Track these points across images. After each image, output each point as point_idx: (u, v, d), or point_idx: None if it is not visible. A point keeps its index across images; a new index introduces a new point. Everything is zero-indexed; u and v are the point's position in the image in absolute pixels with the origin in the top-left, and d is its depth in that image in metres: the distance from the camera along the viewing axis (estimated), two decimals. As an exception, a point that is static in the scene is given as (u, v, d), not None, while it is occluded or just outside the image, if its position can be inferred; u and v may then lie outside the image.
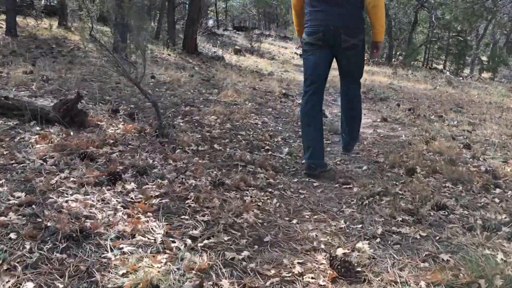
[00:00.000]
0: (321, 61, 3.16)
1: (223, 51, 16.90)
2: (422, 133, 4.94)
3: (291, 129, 4.46)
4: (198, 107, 4.71)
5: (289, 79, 10.88)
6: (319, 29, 3.04)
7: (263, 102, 5.72)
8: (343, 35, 3.00)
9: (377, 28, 3.17)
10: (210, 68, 10.84)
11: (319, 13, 3.04)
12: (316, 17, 3.06)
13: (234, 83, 7.40)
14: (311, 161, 3.07)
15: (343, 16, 3.01)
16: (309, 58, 3.20)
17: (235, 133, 3.93)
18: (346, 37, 3.01)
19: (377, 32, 3.20)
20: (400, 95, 9.11)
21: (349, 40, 3.03)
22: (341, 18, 3.00)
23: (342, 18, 3.01)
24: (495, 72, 19.09)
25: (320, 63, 3.16)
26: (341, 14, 3.00)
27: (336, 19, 3.00)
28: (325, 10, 3.01)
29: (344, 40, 3.02)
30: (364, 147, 4.15)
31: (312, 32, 3.08)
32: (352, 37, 3.04)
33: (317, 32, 3.05)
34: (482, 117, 7.12)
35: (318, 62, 3.16)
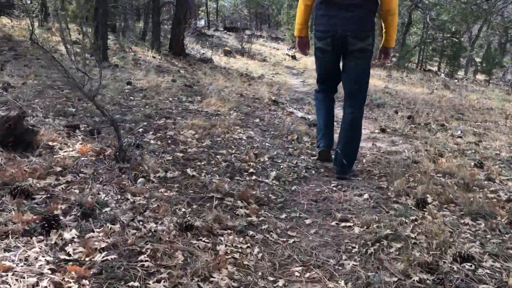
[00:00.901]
0: (332, 67, 3.28)
1: (213, 52, 16.36)
2: (426, 147, 4.43)
3: (280, 145, 3.92)
4: (175, 120, 4.15)
5: (280, 83, 10.35)
6: (327, 35, 3.06)
7: (250, 112, 5.18)
8: (350, 38, 3.00)
9: (391, 35, 3.20)
10: (196, 71, 10.28)
11: (327, 18, 3.05)
12: (324, 22, 3.08)
13: (220, 89, 6.84)
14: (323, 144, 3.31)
15: (351, 20, 2.99)
16: (320, 62, 3.32)
17: (215, 152, 3.38)
18: (354, 40, 3.01)
19: (391, 38, 3.23)
20: (397, 100, 8.61)
21: (356, 43, 3.03)
22: (348, 22, 2.99)
23: (349, 22, 2.99)
24: (490, 74, 18.70)
25: (331, 69, 3.29)
26: (349, 17, 2.98)
27: (343, 23, 3.00)
28: (333, 15, 3.01)
29: (351, 43, 3.02)
30: (363, 166, 3.62)
31: (321, 37, 3.12)
32: (360, 40, 3.03)
33: (326, 37, 3.08)
34: (486, 125, 6.65)
35: (329, 68, 3.29)
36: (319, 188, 3.01)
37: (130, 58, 9.97)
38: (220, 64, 13.31)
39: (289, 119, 5.25)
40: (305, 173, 3.27)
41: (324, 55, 3.22)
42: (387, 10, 3.09)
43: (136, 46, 12.39)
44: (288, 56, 19.91)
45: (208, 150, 3.40)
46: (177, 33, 12.89)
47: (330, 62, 3.25)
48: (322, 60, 3.29)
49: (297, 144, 3.96)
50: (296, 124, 4.90)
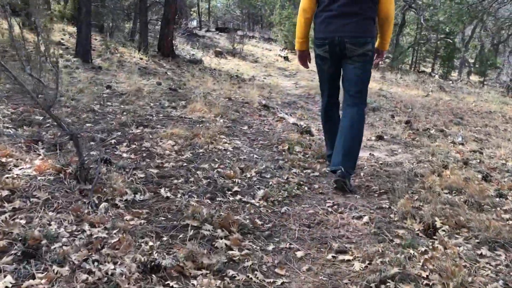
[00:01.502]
0: (333, 73, 3.27)
1: (204, 53, 15.99)
2: (428, 157, 4.08)
3: (270, 156, 3.55)
4: (153, 128, 3.77)
5: (271, 85, 9.99)
6: (325, 42, 3.06)
7: (238, 118, 4.80)
8: (348, 44, 2.99)
9: (386, 39, 3.24)
10: (185, 73, 9.90)
11: (325, 25, 3.05)
12: (322, 29, 3.08)
13: (207, 92, 6.47)
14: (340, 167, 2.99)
15: (349, 26, 2.98)
16: (322, 70, 3.30)
17: (195, 167, 3.00)
18: (352, 47, 3.00)
19: (386, 42, 3.26)
20: (393, 103, 8.28)
21: (355, 49, 3.01)
22: (346, 28, 2.98)
23: (347, 28, 2.98)
24: (484, 76, 18.46)
25: (332, 75, 3.28)
26: (347, 24, 2.98)
27: (341, 30, 2.99)
28: (331, 22, 3.02)
29: (349, 49, 3.01)
30: (361, 181, 3.26)
31: (319, 44, 3.13)
32: (358, 46, 3.01)
33: (324, 44, 3.08)
34: (486, 130, 6.34)
35: (330, 75, 3.28)
36: (313, 208, 2.64)
37: (115, 59, 9.56)
38: (210, 66, 12.93)
39: (280, 125, 4.89)
40: (297, 190, 2.91)
41: (323, 62, 3.23)
42: (385, 18, 3.11)
43: (124, 47, 11.98)
44: (280, 57, 19.57)
45: (187, 164, 3.02)
46: (165, 33, 12.50)
47: (330, 69, 3.24)
48: (322, 67, 3.29)
49: (288, 156, 3.59)
50: (287, 132, 4.53)
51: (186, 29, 19.11)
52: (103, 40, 12.45)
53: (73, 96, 4.60)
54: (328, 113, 3.46)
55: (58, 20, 14.31)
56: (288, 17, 23.27)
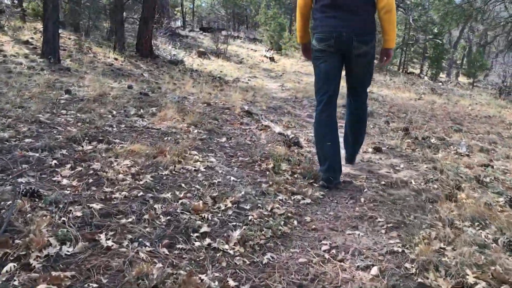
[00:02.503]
0: (333, 69, 3.08)
1: (186, 53, 15.33)
2: (436, 174, 3.50)
3: (251, 178, 2.92)
4: (110, 144, 3.11)
5: (256, 88, 9.37)
6: (331, 36, 2.94)
7: (215, 127, 4.16)
8: (355, 42, 2.91)
9: (390, 34, 3.03)
10: (163, 74, 9.23)
11: (331, 19, 2.94)
12: (328, 23, 2.96)
13: (183, 96, 5.82)
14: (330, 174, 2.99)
15: (357, 23, 2.92)
16: (320, 67, 3.11)
17: (154, 197, 2.36)
18: (359, 44, 2.93)
19: (390, 38, 3.05)
20: (386, 107, 7.72)
21: (361, 47, 2.95)
22: (354, 25, 2.92)
23: (355, 25, 2.92)
24: (474, 77, 18.09)
25: (332, 71, 3.09)
26: (355, 20, 2.92)
27: (349, 26, 2.91)
28: (337, 17, 2.92)
29: (356, 47, 2.94)
30: (363, 209, 2.65)
31: (323, 38, 2.99)
32: (364, 44, 2.95)
33: (329, 38, 2.95)
34: (490, 138, 5.80)
35: (330, 71, 3.08)
36: (305, 255, 2.02)
37: (87, 60, 8.85)
38: (192, 66, 12.27)
39: (264, 135, 4.27)
40: (284, 226, 2.28)
41: (324, 54, 3.04)
42: (382, 7, 2.92)
43: (100, 47, 11.24)
44: (266, 57, 18.98)
45: (144, 193, 2.38)
46: (144, 33, 11.81)
47: (331, 64, 3.07)
48: (322, 63, 3.08)
49: (273, 177, 2.97)
50: (272, 144, 3.92)
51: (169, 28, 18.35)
52: (78, 39, 11.73)
53: (22, 103, 3.92)
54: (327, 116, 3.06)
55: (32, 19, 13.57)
56: (273, 17, 22.71)
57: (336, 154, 3.03)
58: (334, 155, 3.02)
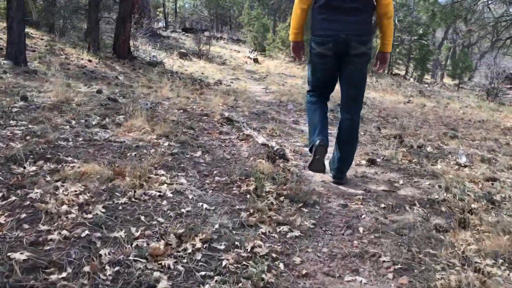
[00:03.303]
0: (330, 75, 3.10)
1: (167, 54, 14.79)
2: (440, 193, 3.06)
3: (228, 205, 2.43)
4: (60, 163, 2.60)
5: (239, 91, 8.89)
6: (329, 39, 2.90)
7: (190, 139, 3.67)
8: (353, 42, 2.86)
9: (389, 39, 3.06)
10: (139, 77, 8.69)
11: (329, 22, 2.91)
12: (325, 26, 2.93)
13: (158, 102, 5.31)
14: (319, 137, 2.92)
15: (354, 24, 2.87)
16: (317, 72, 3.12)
17: (103, 237, 1.86)
18: (357, 45, 2.87)
19: (388, 43, 3.07)
20: (375, 111, 7.31)
21: (359, 47, 2.89)
22: (352, 26, 2.87)
23: (353, 26, 2.87)
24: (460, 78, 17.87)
25: (329, 77, 3.11)
26: (352, 22, 2.87)
27: (346, 27, 2.86)
28: (335, 19, 2.89)
29: (354, 47, 2.88)
30: (362, 243, 2.19)
31: (322, 42, 2.95)
32: (362, 44, 2.89)
33: (328, 42, 2.91)
34: (488, 145, 5.41)
35: (326, 77, 3.11)
36: (294, 317, 1.55)
37: (58, 62, 8.26)
38: (172, 68, 11.74)
39: (246, 147, 3.79)
40: (268, 272, 1.81)
41: (324, 60, 3.02)
42: (384, 13, 2.93)
43: (74, 48, 10.63)
44: (249, 59, 18.52)
45: (91, 232, 1.88)
46: (121, 33, 11.24)
47: (329, 68, 3.05)
48: (320, 66, 3.07)
49: (255, 202, 2.49)
50: (255, 158, 3.44)
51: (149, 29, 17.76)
52: (52, 40, 11.12)
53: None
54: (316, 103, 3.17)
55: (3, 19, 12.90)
56: (257, 17, 22.27)
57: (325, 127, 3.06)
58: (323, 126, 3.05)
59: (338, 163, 3.15)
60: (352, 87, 3.07)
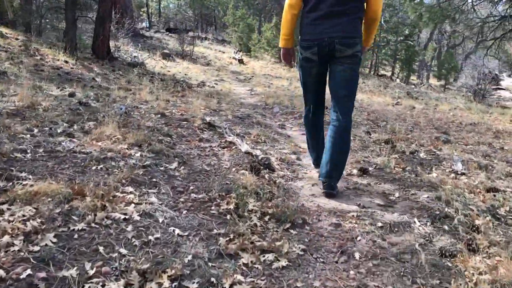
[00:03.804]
0: (319, 81, 3.11)
1: (150, 55, 14.40)
2: (441, 208, 2.78)
3: (205, 228, 2.12)
4: (10, 180, 2.25)
5: (223, 93, 8.57)
6: (314, 43, 2.91)
7: (165, 147, 3.34)
8: (338, 45, 2.84)
9: (371, 36, 3.13)
10: (119, 79, 8.32)
11: (314, 26, 2.91)
12: (311, 31, 2.93)
13: (134, 105, 4.97)
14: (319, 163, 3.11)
15: (339, 27, 2.84)
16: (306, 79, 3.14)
17: (49, 277, 1.53)
18: (341, 47, 2.85)
19: (370, 39, 3.15)
20: (364, 114, 7.06)
21: (344, 50, 2.85)
22: (336, 29, 2.84)
23: (337, 29, 2.84)
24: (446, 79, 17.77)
25: (318, 84, 3.13)
26: (336, 24, 2.85)
27: (330, 30, 2.85)
28: (319, 23, 2.88)
29: (339, 50, 2.85)
30: (361, 274, 1.89)
31: (307, 46, 2.95)
32: (348, 47, 2.85)
33: (312, 46, 2.92)
34: (482, 150, 5.18)
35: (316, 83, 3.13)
36: None
37: (32, 63, 7.84)
38: (154, 69, 11.38)
39: (228, 156, 3.48)
40: (249, 317, 1.49)
41: (310, 65, 3.04)
42: (374, 18, 2.97)
43: (51, 48, 10.19)
44: (234, 59, 18.21)
45: (34, 271, 1.54)
46: (100, 33, 10.83)
47: (316, 72, 3.07)
48: (308, 70, 3.09)
49: (235, 223, 2.17)
50: (237, 168, 3.13)
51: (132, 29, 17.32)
52: (28, 40, 10.66)
53: None
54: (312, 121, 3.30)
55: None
56: (242, 17, 21.96)
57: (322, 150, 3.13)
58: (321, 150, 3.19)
59: (328, 167, 2.91)
60: (341, 88, 2.97)
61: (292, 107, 7.13)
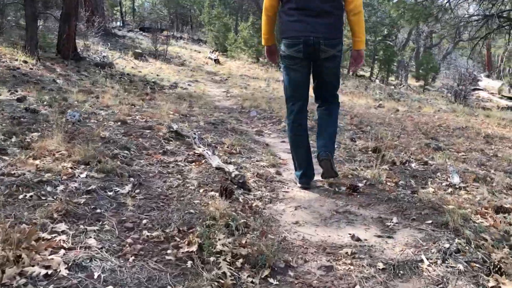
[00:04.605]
0: (303, 77, 3.03)
1: (121, 55, 13.73)
2: (449, 237, 2.32)
3: (157, 285, 1.59)
4: None
5: (196, 95, 8.03)
6: (299, 41, 2.85)
7: (119, 165, 2.79)
8: (323, 45, 2.83)
9: (360, 36, 2.94)
10: (83, 80, 7.69)
11: (298, 24, 2.85)
12: (295, 28, 2.88)
13: (91, 112, 4.39)
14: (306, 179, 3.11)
15: (323, 26, 2.82)
16: (290, 75, 3.05)
17: None
18: (326, 48, 2.84)
19: (360, 40, 2.95)
20: (347, 118, 6.61)
21: (329, 50, 2.86)
22: (321, 28, 2.81)
23: (322, 28, 2.81)
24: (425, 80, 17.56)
25: (302, 80, 3.05)
26: (321, 24, 2.81)
27: (316, 30, 2.81)
28: (304, 20, 2.83)
29: (324, 50, 2.85)
30: None
31: (292, 44, 2.90)
32: (332, 47, 2.86)
33: (298, 44, 2.87)
34: (476, 158, 4.79)
35: (300, 80, 3.04)
36: None
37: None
38: (123, 70, 10.75)
39: (195, 173, 2.95)
40: None
41: (294, 62, 2.95)
42: (351, 9, 2.85)
43: (10, 47, 9.45)
44: (210, 59, 17.64)
45: None
46: (65, 31, 10.15)
47: (301, 71, 2.99)
48: (292, 68, 2.99)
49: (198, 275, 1.65)
50: (206, 190, 2.61)
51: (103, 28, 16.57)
52: (-16, 39, 9.91)
53: None
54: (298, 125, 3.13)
55: None
56: (218, 16, 21.38)
57: (310, 160, 3.14)
58: (307, 160, 3.12)
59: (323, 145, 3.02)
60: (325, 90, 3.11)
61: (270, 111, 6.64)
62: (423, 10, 9.25)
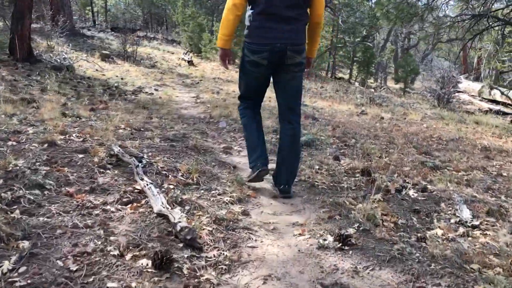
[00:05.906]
0: (263, 84, 3.09)
1: (87, 56, 12.77)
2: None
3: None
4: None
5: (160, 102, 7.18)
6: (265, 48, 2.85)
7: (15, 219, 1.94)
8: (289, 52, 2.85)
9: (316, 45, 3.13)
10: (32, 86, 6.76)
11: (264, 30, 2.84)
12: (261, 34, 2.87)
13: (13, 131, 3.51)
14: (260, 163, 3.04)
15: (290, 33, 2.84)
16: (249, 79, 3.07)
17: None
18: (292, 54, 2.87)
19: (315, 49, 3.15)
20: (327, 130, 5.84)
21: (295, 57, 2.89)
22: (287, 35, 2.83)
23: (289, 35, 2.83)
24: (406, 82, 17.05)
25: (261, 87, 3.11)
26: (288, 31, 2.83)
27: (282, 36, 2.83)
28: (271, 27, 2.83)
29: (290, 57, 2.87)
30: None
31: (257, 50, 2.89)
32: (298, 54, 2.89)
33: (263, 51, 2.87)
34: (479, 179, 4.09)
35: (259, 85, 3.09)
36: None
37: None
38: (84, 73, 9.81)
39: (127, 225, 2.13)
40: None
41: (258, 69, 2.95)
42: (318, 23, 2.98)
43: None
44: (184, 61, 16.74)
45: None
46: (18, 32, 9.18)
47: (263, 77, 3.02)
48: (254, 74, 3.01)
49: None
50: (134, 258, 1.80)
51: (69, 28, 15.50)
52: None
53: None
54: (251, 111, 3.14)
55: None
56: (192, 16, 20.47)
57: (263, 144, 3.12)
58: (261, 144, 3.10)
59: (284, 176, 3.06)
60: (289, 96, 3.04)
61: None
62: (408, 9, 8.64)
